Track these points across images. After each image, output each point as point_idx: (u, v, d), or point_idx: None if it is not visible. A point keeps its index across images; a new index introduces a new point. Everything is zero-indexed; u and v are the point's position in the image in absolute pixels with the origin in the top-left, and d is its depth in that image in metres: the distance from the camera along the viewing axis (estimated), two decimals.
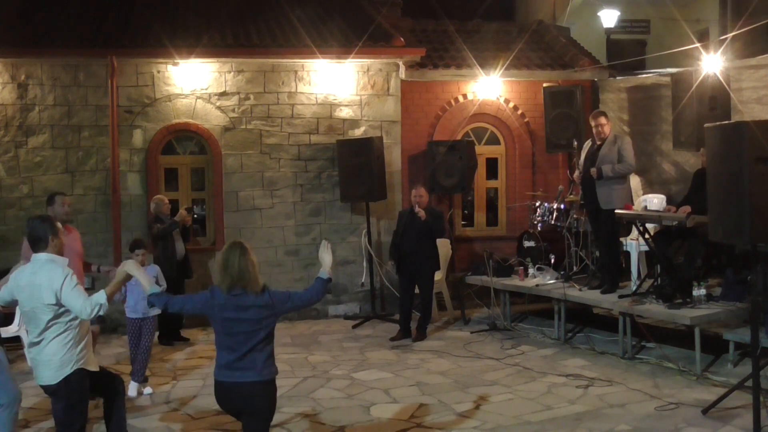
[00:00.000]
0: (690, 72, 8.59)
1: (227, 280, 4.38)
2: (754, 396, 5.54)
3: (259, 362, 4.38)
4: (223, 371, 4.40)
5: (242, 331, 4.35)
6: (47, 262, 4.66)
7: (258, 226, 10.58)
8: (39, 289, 4.57)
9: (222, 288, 4.39)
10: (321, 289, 4.66)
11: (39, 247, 4.71)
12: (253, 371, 4.36)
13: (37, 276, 4.61)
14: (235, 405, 4.46)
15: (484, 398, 6.82)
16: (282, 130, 10.62)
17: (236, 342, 4.35)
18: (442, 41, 11.85)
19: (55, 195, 7.08)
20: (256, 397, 4.41)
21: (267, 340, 4.44)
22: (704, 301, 7.66)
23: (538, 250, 9.93)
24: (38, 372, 4.66)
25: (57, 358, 4.62)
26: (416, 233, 9.13)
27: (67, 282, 4.55)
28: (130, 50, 10.06)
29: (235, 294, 4.36)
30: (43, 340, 4.61)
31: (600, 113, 8.69)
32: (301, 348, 8.90)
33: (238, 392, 4.38)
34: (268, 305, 4.41)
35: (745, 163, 5.23)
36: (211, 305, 4.40)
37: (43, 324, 4.58)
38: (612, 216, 8.27)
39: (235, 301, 4.36)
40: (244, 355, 4.35)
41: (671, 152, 9.67)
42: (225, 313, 4.36)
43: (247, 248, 4.47)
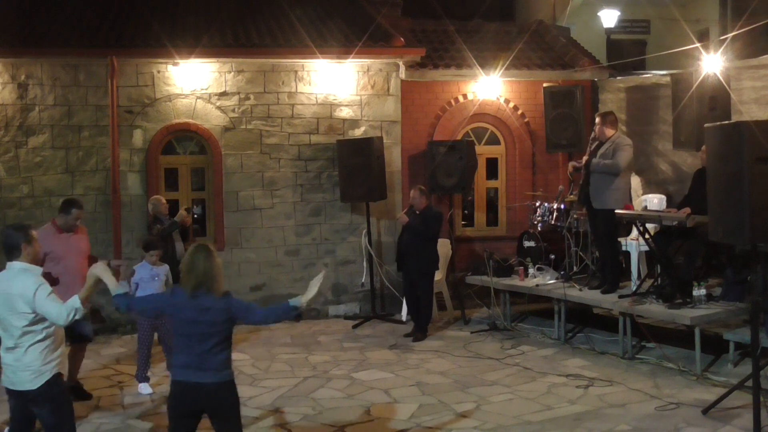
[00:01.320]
0: (690, 72, 8.59)
1: (192, 280, 4.43)
2: (754, 396, 5.54)
3: (216, 364, 4.43)
4: (181, 372, 4.44)
5: (199, 333, 4.40)
6: (21, 272, 4.67)
7: (258, 226, 10.58)
8: (12, 298, 4.58)
9: (186, 288, 4.44)
10: (283, 315, 4.66)
11: (13, 255, 4.73)
12: (212, 372, 4.42)
13: (11, 284, 4.61)
14: (197, 405, 4.46)
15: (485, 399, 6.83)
16: (282, 130, 10.62)
17: (193, 343, 4.40)
18: (442, 41, 11.85)
19: (72, 207, 7.01)
20: (217, 398, 4.47)
21: (224, 344, 4.48)
22: (704, 301, 7.66)
23: (538, 250, 9.93)
24: (16, 378, 4.66)
25: (37, 365, 4.64)
26: (411, 234, 9.20)
27: (40, 291, 4.58)
28: (130, 50, 10.06)
29: (196, 295, 4.41)
30: (19, 347, 4.62)
31: (599, 114, 8.74)
32: (301, 348, 8.90)
33: (201, 393, 4.41)
34: (225, 309, 4.45)
35: (745, 163, 5.24)
36: (171, 304, 4.48)
37: (18, 332, 4.60)
38: (608, 216, 8.27)
39: (196, 302, 4.41)
40: (200, 357, 4.40)
41: (671, 152, 9.67)
42: (184, 314, 4.41)
43: (212, 251, 4.53)
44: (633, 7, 15.57)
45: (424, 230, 9.19)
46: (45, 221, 9.74)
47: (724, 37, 10.02)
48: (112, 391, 7.28)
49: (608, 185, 8.32)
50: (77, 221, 6.99)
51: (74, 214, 6.96)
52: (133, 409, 6.81)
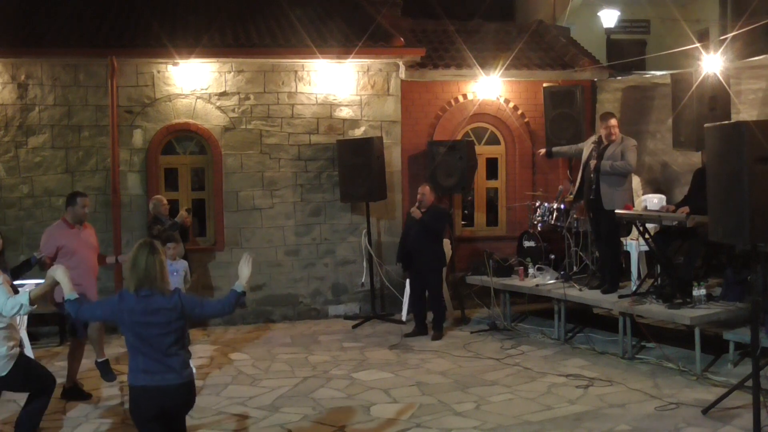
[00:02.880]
0: (690, 72, 8.59)
1: (134, 279, 4.36)
2: (754, 396, 5.54)
3: (177, 364, 4.37)
4: (141, 376, 4.35)
5: (153, 335, 4.32)
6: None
7: (258, 226, 10.58)
8: None
9: (129, 288, 4.37)
10: (233, 301, 4.56)
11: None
12: (174, 373, 4.35)
13: None
14: (162, 408, 4.38)
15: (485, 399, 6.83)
16: (282, 130, 10.62)
17: (148, 346, 4.33)
18: (442, 41, 11.85)
19: (77, 196, 7.13)
20: (183, 398, 4.44)
21: (179, 343, 4.42)
22: (704, 301, 7.66)
23: (538, 250, 9.93)
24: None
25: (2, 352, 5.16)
26: (417, 232, 9.21)
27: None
28: (130, 50, 10.06)
29: (143, 296, 4.33)
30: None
31: (610, 115, 8.73)
32: (301, 348, 8.91)
33: (166, 395, 4.34)
34: (176, 308, 4.37)
35: (745, 163, 5.23)
36: (120, 309, 4.36)
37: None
38: (613, 216, 8.28)
39: (144, 303, 4.32)
40: (159, 359, 4.33)
41: (671, 152, 9.67)
42: (134, 317, 4.31)
43: (157, 248, 4.46)
44: (633, 7, 15.56)
45: (435, 226, 9.23)
46: (45, 221, 9.81)
47: (724, 37, 10.01)
48: (111, 391, 7.27)
49: (619, 186, 8.38)
50: (84, 209, 7.09)
51: (80, 202, 7.05)
52: None
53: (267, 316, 10.52)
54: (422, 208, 9.29)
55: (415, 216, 9.24)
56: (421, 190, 9.43)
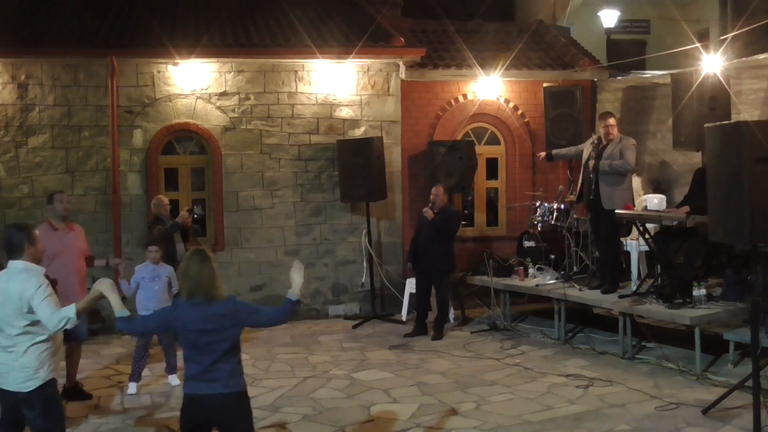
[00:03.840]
0: (690, 72, 8.59)
1: (186, 287, 4.33)
2: (754, 396, 5.54)
3: (225, 373, 4.27)
4: (190, 384, 4.31)
5: (206, 342, 4.25)
6: (22, 271, 4.60)
7: (258, 226, 10.58)
8: (12, 297, 4.52)
9: (183, 296, 4.34)
10: (288, 310, 4.47)
11: (14, 254, 4.66)
12: (220, 383, 4.25)
13: (10, 283, 4.56)
14: (205, 419, 4.30)
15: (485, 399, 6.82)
16: (282, 130, 10.62)
17: (201, 353, 4.26)
18: (442, 41, 11.85)
19: (54, 194, 7.08)
20: (226, 410, 4.29)
21: (233, 351, 4.33)
22: (704, 301, 7.66)
23: (538, 250, 9.93)
24: (8, 378, 4.57)
25: (33, 366, 4.56)
26: (428, 232, 9.22)
27: (39, 292, 4.51)
28: (130, 50, 10.06)
29: (196, 303, 4.28)
30: (17, 346, 4.54)
31: (609, 114, 8.74)
32: (301, 348, 8.91)
33: (207, 405, 4.26)
34: (231, 314, 4.30)
35: (745, 163, 5.24)
36: (174, 317, 4.32)
37: (16, 331, 4.53)
38: (613, 216, 8.28)
39: (198, 311, 4.26)
40: (209, 367, 4.25)
41: (671, 152, 9.67)
42: (189, 325, 4.26)
43: (208, 256, 4.39)
44: (633, 7, 15.56)
45: (447, 227, 9.24)
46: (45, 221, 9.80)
47: (724, 37, 10.01)
48: (111, 392, 7.27)
49: (618, 186, 8.39)
50: (62, 204, 6.88)
51: (58, 198, 6.88)
52: (133, 410, 6.80)
53: None
54: (435, 209, 9.29)
55: (428, 217, 9.22)
56: (434, 191, 9.41)
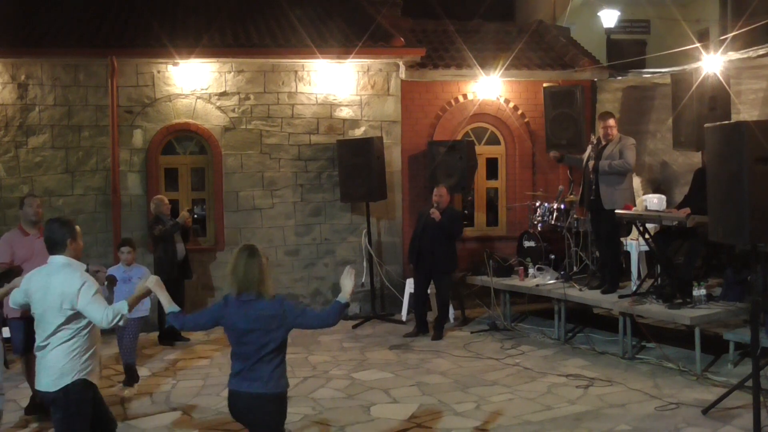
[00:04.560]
0: (690, 72, 8.59)
1: (235, 283, 4.33)
2: (754, 396, 5.54)
3: (266, 374, 4.28)
4: (232, 380, 4.37)
5: (252, 341, 4.27)
6: (64, 266, 4.53)
7: (258, 226, 10.58)
8: (53, 293, 4.44)
9: (232, 292, 4.35)
10: (337, 313, 4.43)
11: (56, 250, 4.58)
12: (259, 382, 4.27)
13: (52, 279, 4.48)
14: (241, 415, 4.40)
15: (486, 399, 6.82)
16: (282, 130, 10.62)
17: (246, 351, 4.30)
18: (442, 41, 11.85)
19: (25, 197, 6.91)
20: (259, 410, 4.31)
21: (276, 351, 4.32)
22: (704, 301, 7.66)
23: (538, 250, 9.93)
24: (39, 377, 4.52)
25: (59, 366, 4.44)
26: (432, 233, 9.21)
27: (85, 288, 4.42)
28: (130, 50, 10.06)
29: (245, 300, 4.30)
30: (48, 345, 4.46)
31: (609, 114, 8.74)
32: (301, 348, 8.90)
33: (244, 402, 4.32)
34: (279, 315, 4.30)
35: (745, 163, 5.24)
36: (224, 314, 4.35)
37: (52, 328, 4.44)
38: (613, 216, 8.28)
39: (246, 308, 4.29)
40: (252, 365, 4.28)
41: (671, 152, 9.67)
42: (237, 323, 4.30)
43: (257, 251, 4.39)
44: (633, 7, 15.55)
45: (452, 228, 9.24)
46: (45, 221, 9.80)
47: (724, 37, 10.01)
48: (111, 392, 7.27)
49: (618, 185, 8.39)
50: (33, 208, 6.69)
51: (28, 202, 6.73)
52: (132, 410, 6.80)
53: None
54: (439, 209, 9.28)
55: (435, 218, 9.18)
56: (438, 192, 9.37)
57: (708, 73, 8.27)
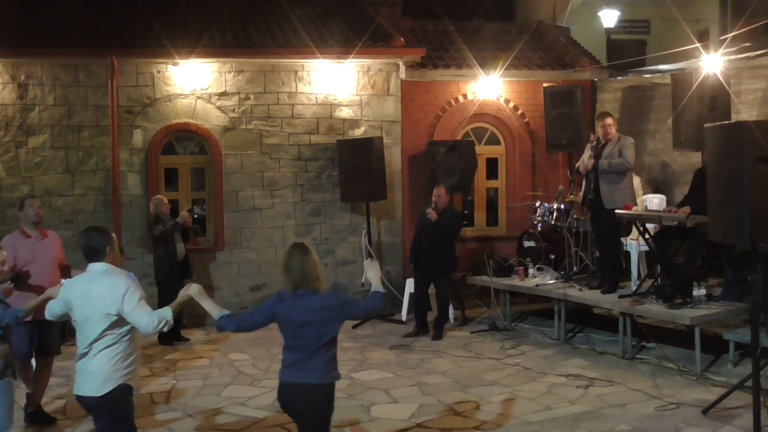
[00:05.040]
0: (690, 72, 8.60)
1: (291, 281, 4.41)
2: (754, 396, 5.54)
3: (322, 365, 4.39)
4: (286, 372, 4.44)
5: (308, 334, 4.36)
6: (105, 273, 4.53)
7: (258, 226, 10.58)
8: (96, 299, 4.44)
9: (288, 290, 4.43)
10: (381, 301, 4.66)
11: (96, 257, 4.58)
12: (315, 373, 4.37)
13: (93, 285, 4.48)
14: (293, 406, 4.47)
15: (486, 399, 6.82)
16: (282, 130, 10.62)
17: (302, 344, 4.38)
18: (442, 41, 11.85)
19: (25, 199, 6.80)
20: (313, 400, 4.41)
21: (332, 343, 4.44)
22: (704, 301, 7.66)
23: (538, 250, 9.93)
24: (80, 383, 4.49)
25: (103, 371, 4.44)
26: (431, 233, 9.21)
27: (129, 294, 4.44)
28: (130, 50, 10.06)
29: (301, 295, 4.39)
30: (91, 351, 4.45)
31: (607, 114, 8.74)
32: None
33: (296, 393, 4.40)
34: (335, 307, 4.42)
35: (745, 163, 5.24)
36: (280, 309, 4.43)
37: (95, 334, 4.43)
38: (613, 215, 8.28)
39: (302, 302, 4.38)
40: (309, 357, 4.37)
41: (671, 152, 9.68)
42: (293, 316, 4.37)
43: (309, 249, 4.50)
44: (633, 7, 15.54)
45: (450, 229, 9.24)
46: (45, 221, 9.71)
47: (724, 37, 10.01)
48: None
49: (618, 185, 8.37)
50: (33, 210, 6.55)
51: (28, 204, 6.60)
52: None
53: None
54: (437, 210, 9.28)
55: (431, 218, 9.19)
56: (437, 192, 9.39)
57: (708, 73, 8.27)
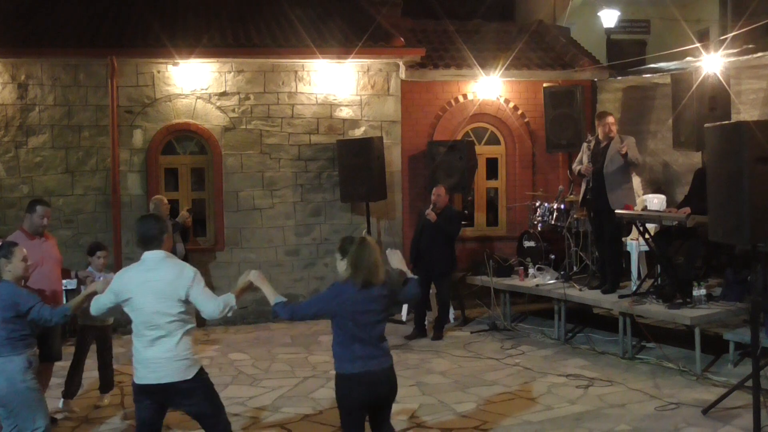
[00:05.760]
0: (690, 72, 8.60)
1: (361, 274, 4.51)
2: (754, 396, 5.54)
3: (386, 348, 4.61)
4: (359, 363, 4.49)
5: (371, 322, 4.53)
6: (164, 260, 4.58)
7: (258, 226, 10.58)
8: (164, 286, 4.49)
9: (356, 283, 4.51)
10: (417, 288, 4.89)
11: (152, 245, 4.62)
12: (387, 356, 4.59)
13: (156, 273, 4.52)
14: (380, 393, 4.58)
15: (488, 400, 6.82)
16: (282, 130, 10.62)
17: (366, 332, 4.52)
18: (442, 41, 11.85)
19: (37, 204, 6.43)
20: (394, 380, 4.64)
21: (384, 327, 4.66)
22: (704, 301, 7.66)
23: (538, 250, 9.93)
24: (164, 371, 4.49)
25: (187, 354, 4.54)
26: (430, 233, 9.20)
27: (197, 280, 4.55)
28: (130, 50, 10.06)
29: (366, 287, 4.53)
30: (171, 335, 4.50)
31: (607, 113, 8.73)
32: (301, 348, 8.90)
33: (382, 379, 4.55)
34: (389, 294, 4.63)
35: (745, 163, 5.24)
36: (341, 301, 4.50)
37: (167, 320, 4.49)
38: (614, 215, 8.26)
39: (367, 294, 4.52)
40: (375, 344, 4.54)
41: (672, 152, 9.67)
42: (357, 307, 4.49)
43: (375, 244, 4.68)
44: (633, 7, 15.57)
45: (449, 229, 9.24)
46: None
47: (724, 37, 10.01)
48: (112, 391, 7.26)
49: (622, 184, 8.36)
50: (44, 220, 6.34)
51: (39, 211, 6.33)
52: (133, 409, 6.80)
53: (267, 316, 10.52)
54: (436, 210, 9.27)
55: (431, 218, 9.17)
56: (436, 192, 9.37)
57: (708, 73, 8.27)
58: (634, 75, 11.10)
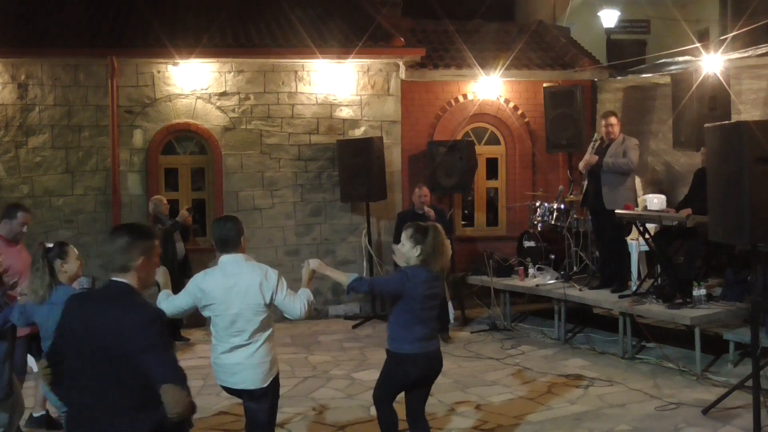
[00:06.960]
0: (690, 72, 8.59)
1: (439, 260, 4.81)
2: (754, 396, 5.54)
3: (436, 330, 4.99)
4: (418, 344, 4.78)
5: (433, 305, 4.85)
6: (245, 262, 4.51)
7: (258, 226, 10.58)
8: (249, 290, 4.41)
9: (434, 268, 4.78)
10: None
11: (230, 248, 4.55)
12: (437, 339, 4.97)
13: (240, 277, 4.44)
14: (432, 372, 4.90)
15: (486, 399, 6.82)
16: (282, 130, 10.62)
17: (428, 314, 4.83)
18: (442, 41, 11.85)
19: (18, 209, 6.16)
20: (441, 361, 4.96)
21: None
22: (704, 301, 7.66)
23: (538, 250, 9.93)
24: (243, 377, 4.46)
25: (269, 360, 4.51)
26: None
27: (282, 281, 4.53)
28: (130, 50, 10.06)
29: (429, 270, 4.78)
30: (253, 342, 4.44)
31: (611, 113, 8.77)
32: (301, 348, 8.90)
33: (437, 359, 4.89)
34: (441, 278, 4.96)
35: (745, 163, 5.24)
36: (415, 284, 4.72)
37: (254, 326, 4.43)
38: (615, 215, 8.27)
39: (433, 276, 4.80)
40: (431, 326, 4.87)
41: (672, 152, 9.67)
42: (424, 289, 4.74)
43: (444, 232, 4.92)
44: (633, 7, 15.55)
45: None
46: (45, 221, 9.81)
47: (724, 37, 10.01)
48: None
49: (621, 185, 8.38)
50: (23, 227, 6.12)
51: (20, 218, 6.10)
52: None
53: None
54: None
55: (431, 217, 9.11)
56: (424, 192, 9.29)
57: (708, 73, 8.27)
58: (634, 75, 11.09)
